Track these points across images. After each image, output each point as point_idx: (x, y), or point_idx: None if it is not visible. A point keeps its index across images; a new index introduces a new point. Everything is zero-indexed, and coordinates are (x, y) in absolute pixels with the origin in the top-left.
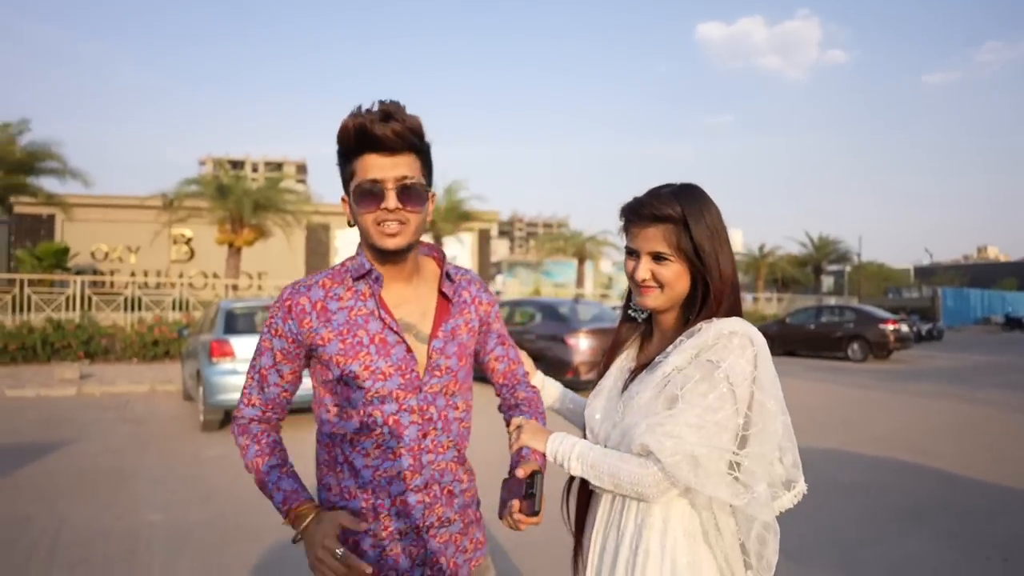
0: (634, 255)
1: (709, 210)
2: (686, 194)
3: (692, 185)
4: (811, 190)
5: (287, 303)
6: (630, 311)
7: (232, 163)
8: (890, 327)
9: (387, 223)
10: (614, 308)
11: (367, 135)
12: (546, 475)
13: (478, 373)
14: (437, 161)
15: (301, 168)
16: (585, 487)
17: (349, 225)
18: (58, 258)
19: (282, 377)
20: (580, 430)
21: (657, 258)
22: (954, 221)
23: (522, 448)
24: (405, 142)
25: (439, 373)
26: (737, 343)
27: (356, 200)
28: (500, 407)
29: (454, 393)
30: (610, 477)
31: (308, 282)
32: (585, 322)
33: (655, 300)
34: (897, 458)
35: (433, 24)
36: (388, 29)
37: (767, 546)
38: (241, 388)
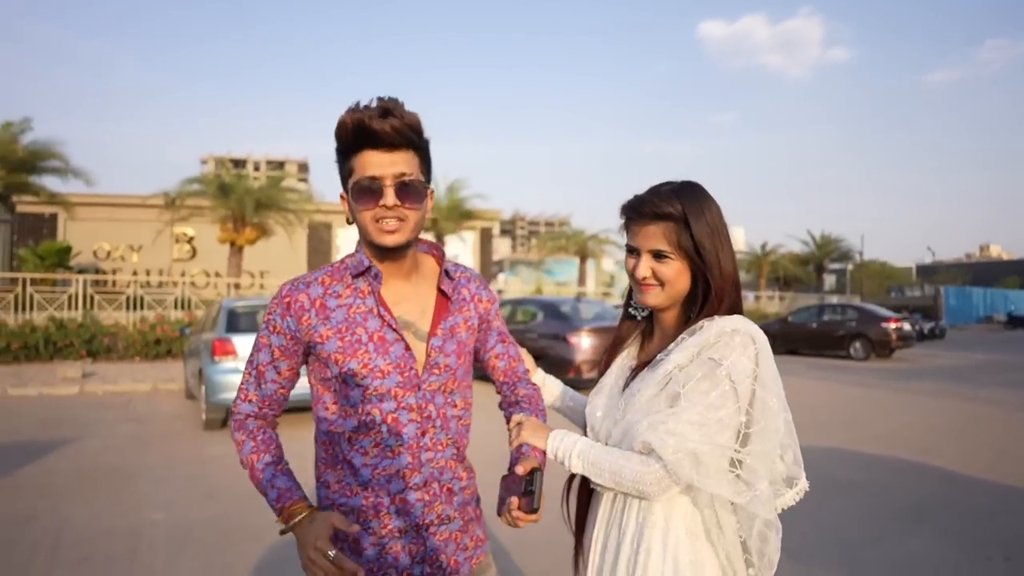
0: (635, 253)
1: (710, 208)
2: (686, 192)
3: (692, 183)
4: (813, 188)
5: (286, 299)
6: (631, 309)
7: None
8: (892, 326)
9: (386, 220)
10: (616, 307)
11: (365, 131)
12: (547, 474)
13: (478, 371)
14: (437, 160)
15: (303, 167)
16: (586, 486)
17: (348, 222)
18: (60, 257)
19: (279, 374)
20: (580, 428)
21: (658, 256)
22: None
23: (522, 445)
24: (403, 138)
25: (438, 371)
26: (739, 341)
27: (354, 197)
28: (500, 404)
29: (453, 391)
30: (611, 475)
31: (307, 279)
32: (587, 321)
33: (656, 298)
34: (899, 457)
35: (433, 22)
36: (388, 27)
37: (769, 544)
38: None
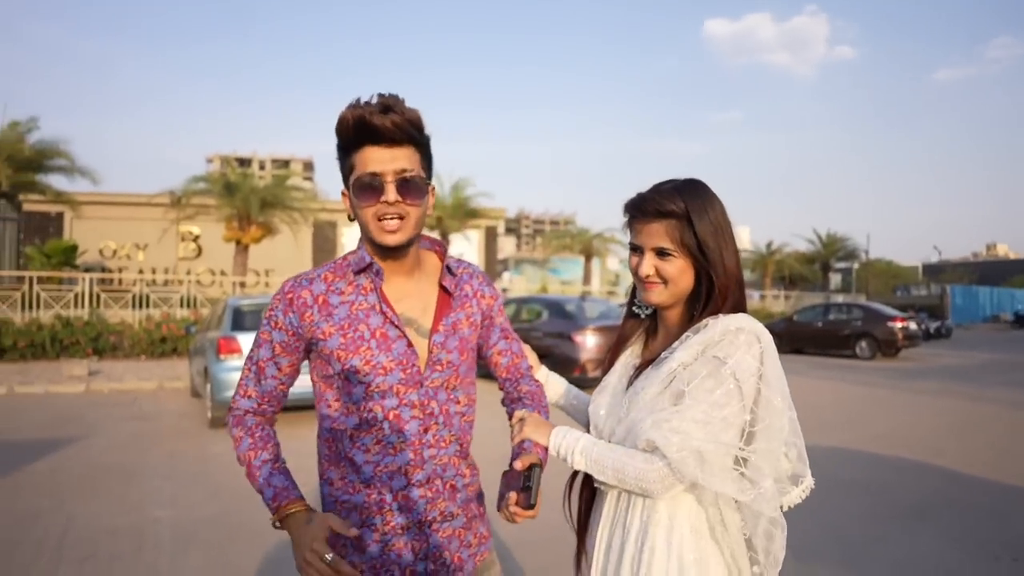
0: (638, 251)
1: (713, 205)
2: (689, 189)
3: (696, 180)
4: (819, 187)
5: (288, 296)
6: (634, 307)
7: (239, 160)
8: (898, 325)
9: (387, 219)
10: (621, 305)
11: (366, 126)
12: (549, 473)
13: (481, 369)
14: (440, 159)
15: (308, 166)
16: (588, 484)
17: (350, 219)
18: (67, 256)
19: (280, 370)
20: (583, 426)
21: (661, 254)
22: (963, 218)
23: (524, 441)
24: (404, 134)
25: (440, 367)
26: (744, 339)
27: (356, 193)
28: (503, 401)
29: (456, 387)
30: (614, 472)
31: (310, 275)
32: (592, 319)
33: (659, 296)
34: (902, 456)
35: (432, 21)
36: (388, 26)
37: (774, 541)
38: None
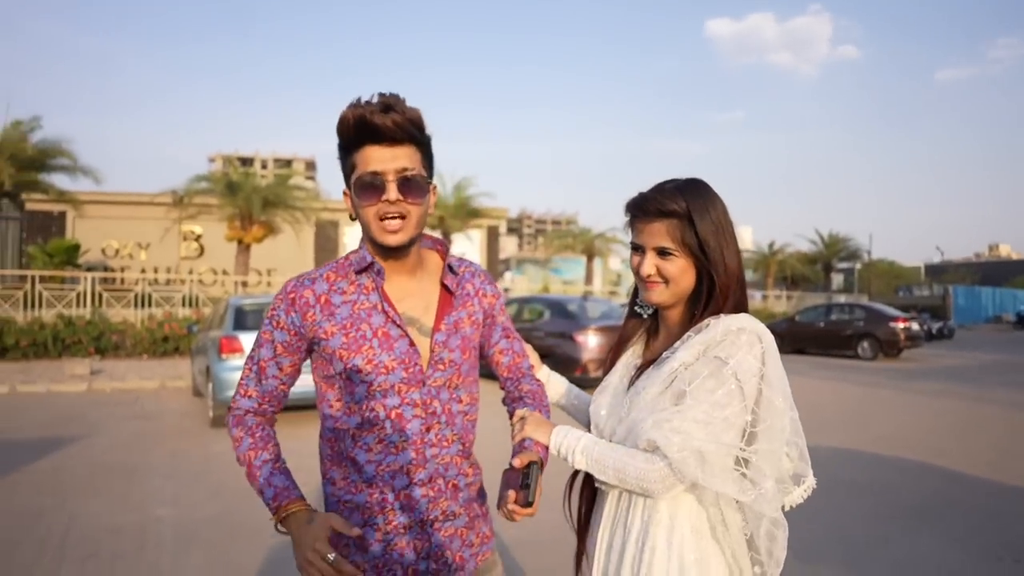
0: (639, 250)
1: (714, 205)
2: (691, 189)
3: (697, 180)
4: (821, 187)
5: (291, 295)
6: (636, 307)
7: (242, 160)
8: (900, 325)
9: (388, 218)
10: (622, 305)
11: (367, 125)
12: (550, 473)
13: (483, 368)
14: (440, 158)
15: (310, 165)
16: (589, 484)
17: (351, 218)
18: (69, 255)
19: (281, 370)
20: (584, 426)
21: (662, 253)
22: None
23: (524, 440)
24: (405, 133)
25: (442, 366)
26: (745, 339)
27: (357, 193)
28: (504, 400)
29: (458, 386)
30: (615, 472)
31: (312, 275)
32: (594, 319)
33: (660, 295)
34: (903, 457)
35: (433, 21)
36: (388, 26)
37: (776, 542)
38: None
